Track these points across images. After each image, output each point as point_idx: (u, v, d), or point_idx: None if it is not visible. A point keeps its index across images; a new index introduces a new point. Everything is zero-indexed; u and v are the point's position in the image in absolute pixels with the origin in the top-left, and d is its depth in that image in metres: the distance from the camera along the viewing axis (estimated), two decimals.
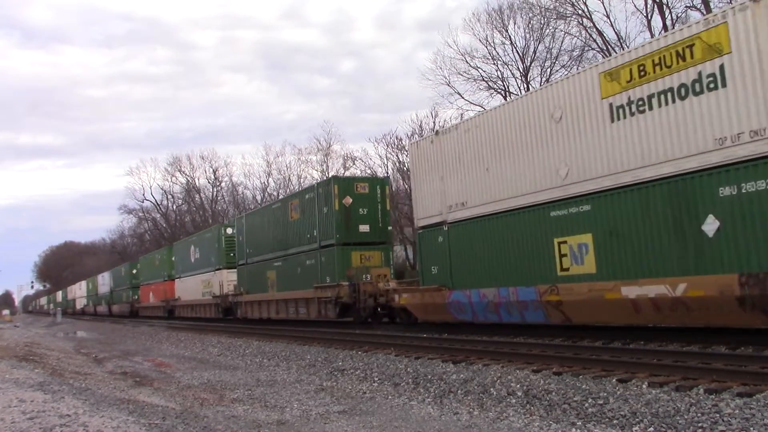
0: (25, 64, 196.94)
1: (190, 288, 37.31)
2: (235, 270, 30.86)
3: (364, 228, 22.05)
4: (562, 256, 13.04)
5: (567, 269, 12.95)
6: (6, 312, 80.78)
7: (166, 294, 41.93)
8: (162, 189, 78.84)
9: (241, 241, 30.05)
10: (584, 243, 12.57)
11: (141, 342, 26.55)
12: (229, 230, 32.37)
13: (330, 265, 21.87)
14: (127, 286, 55.38)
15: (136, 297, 52.38)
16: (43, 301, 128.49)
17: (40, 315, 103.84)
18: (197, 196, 76.32)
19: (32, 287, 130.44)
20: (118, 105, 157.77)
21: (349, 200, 22.05)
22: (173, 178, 77.02)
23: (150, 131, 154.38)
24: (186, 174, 75.98)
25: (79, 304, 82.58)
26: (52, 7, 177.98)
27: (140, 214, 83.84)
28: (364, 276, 21.20)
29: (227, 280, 31.61)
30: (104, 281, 66.75)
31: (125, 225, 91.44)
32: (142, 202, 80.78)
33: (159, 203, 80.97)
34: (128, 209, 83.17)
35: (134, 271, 53.97)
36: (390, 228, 23.11)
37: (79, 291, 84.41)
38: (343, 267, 21.42)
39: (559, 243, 13.09)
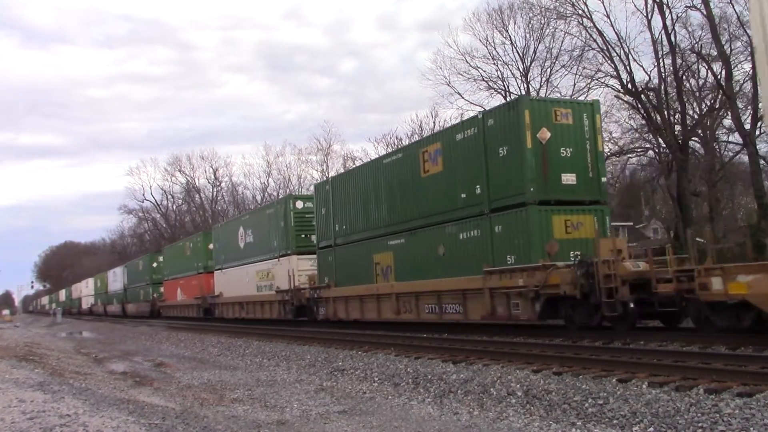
0: (26, 65, 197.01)
1: (237, 281, 29.84)
2: (311, 256, 23.77)
3: (568, 178, 14.84)
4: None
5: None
6: (6, 312, 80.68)
7: (201, 290, 34.53)
8: (162, 189, 78.81)
9: (326, 215, 22.52)
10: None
11: (141, 342, 26.55)
12: (300, 203, 25.21)
13: (518, 235, 14.47)
14: (145, 282, 48.53)
15: (158, 294, 45.61)
16: (45, 300, 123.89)
17: (41, 315, 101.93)
18: (197, 196, 76.32)
19: (32, 287, 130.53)
20: (119, 105, 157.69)
21: (546, 134, 14.77)
22: (173, 178, 77.01)
23: (150, 131, 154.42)
24: (186, 174, 75.99)
25: (86, 303, 76.83)
26: (53, 7, 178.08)
27: (140, 215, 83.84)
28: (573, 255, 13.93)
29: (299, 269, 24.13)
30: (116, 277, 59.92)
31: (125, 225, 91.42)
32: (142, 202, 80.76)
33: (159, 203, 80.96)
34: (128, 209, 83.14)
35: (155, 265, 47.00)
36: (605, 180, 15.50)
37: (85, 289, 78.29)
38: (543, 238, 14.13)
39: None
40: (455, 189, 16.43)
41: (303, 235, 24.50)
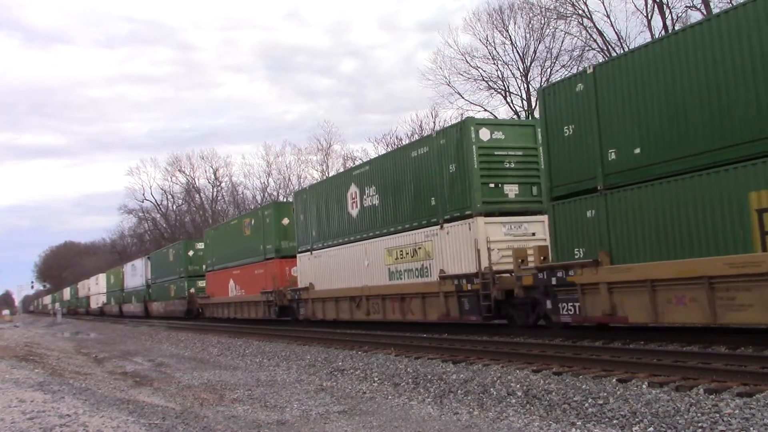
0: (27, 65, 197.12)
1: (344, 266, 21.30)
2: (509, 219, 15.67)
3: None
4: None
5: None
6: (6, 312, 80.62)
7: (274, 281, 25.78)
8: (162, 189, 78.95)
9: (572, 136, 12.75)
10: None
11: (141, 342, 26.55)
12: (486, 132, 15.97)
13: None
14: (178, 276, 39.75)
15: (196, 290, 37.81)
16: (47, 300, 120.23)
17: (42, 315, 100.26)
18: (197, 196, 76.40)
19: (32, 287, 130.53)
20: (120, 105, 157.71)
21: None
22: (173, 178, 77.15)
23: (151, 131, 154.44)
24: (186, 174, 76.06)
25: (96, 302, 69.18)
26: (54, 8, 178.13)
27: (140, 215, 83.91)
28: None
29: (491, 238, 15.22)
30: (136, 271, 51.40)
31: (125, 225, 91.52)
32: (142, 202, 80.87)
33: (159, 203, 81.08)
34: (128, 209, 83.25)
35: (191, 253, 38.95)
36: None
37: (94, 287, 70.56)
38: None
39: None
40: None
41: (493, 185, 15.75)
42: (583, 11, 34.11)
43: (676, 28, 30.51)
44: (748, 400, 7.21)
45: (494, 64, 39.55)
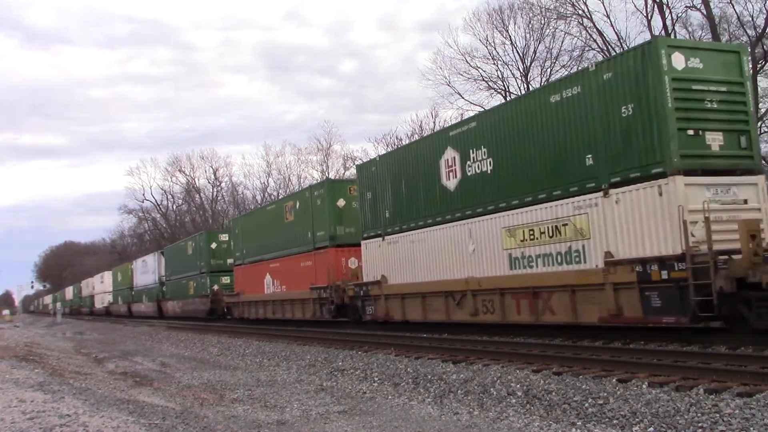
0: (28, 65, 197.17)
1: (424, 253, 17.14)
2: (713, 181, 11.50)
3: None
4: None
5: None
6: (6, 312, 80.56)
7: (329, 274, 21.30)
8: (162, 189, 78.90)
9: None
10: None
11: (141, 342, 26.55)
12: (681, 58, 11.62)
13: None
14: (198, 271, 35.32)
15: (221, 287, 33.52)
16: (48, 299, 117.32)
17: (43, 315, 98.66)
18: (197, 196, 76.37)
19: (32, 287, 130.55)
20: (120, 106, 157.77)
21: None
22: (173, 178, 77.10)
23: (151, 131, 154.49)
24: (186, 174, 76.06)
25: (101, 302, 65.04)
26: (55, 8, 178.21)
27: (140, 215, 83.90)
28: None
29: (689, 207, 10.83)
30: (147, 267, 46.89)
31: (125, 225, 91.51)
32: (142, 202, 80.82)
33: (159, 203, 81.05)
34: (128, 209, 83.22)
35: (213, 245, 34.55)
36: None
37: (99, 285, 66.42)
38: None
39: None
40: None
41: (692, 131, 11.41)
42: (583, 11, 34.13)
43: (676, 28, 30.57)
44: (748, 400, 7.21)
45: (494, 64, 39.57)
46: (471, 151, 15.61)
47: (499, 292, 14.58)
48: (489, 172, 15.05)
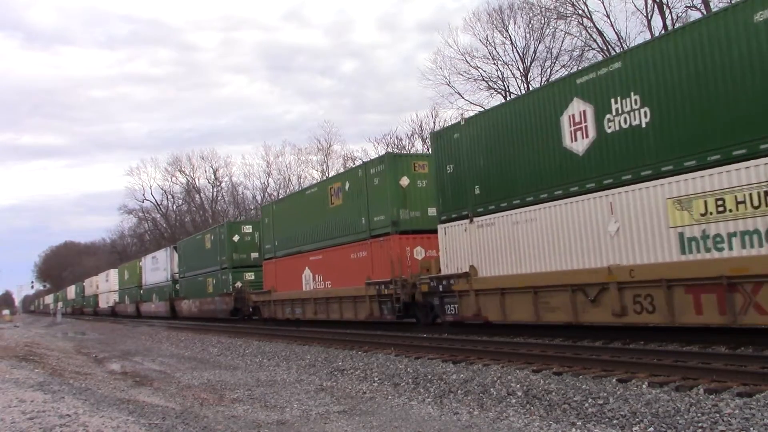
0: (28, 66, 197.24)
1: (534, 237, 13.94)
2: None
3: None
4: None
5: None
6: (6, 312, 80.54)
7: (393, 266, 18.20)
8: (162, 189, 79.00)
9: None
10: None
11: (141, 342, 26.55)
12: None
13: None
14: (219, 267, 31.95)
15: (244, 284, 30.25)
16: (49, 299, 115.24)
17: (43, 315, 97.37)
18: (197, 196, 76.40)
19: (32, 287, 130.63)
20: (121, 106, 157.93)
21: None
22: (173, 179, 77.19)
23: (151, 132, 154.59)
24: (186, 174, 76.10)
25: (105, 301, 61.97)
26: (55, 8, 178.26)
27: (140, 215, 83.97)
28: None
29: None
30: (158, 264, 43.59)
31: (125, 225, 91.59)
32: (142, 202, 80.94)
33: (159, 203, 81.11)
34: (128, 209, 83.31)
35: (236, 238, 31.27)
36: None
37: (104, 284, 63.23)
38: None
39: None
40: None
41: None
42: (583, 11, 34.16)
43: (676, 27, 30.57)
44: (748, 400, 7.21)
45: (494, 64, 39.59)
46: (613, 100, 12.20)
47: (665, 285, 11.04)
48: (644, 125, 11.59)
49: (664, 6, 31.17)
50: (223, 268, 31.45)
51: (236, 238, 31.18)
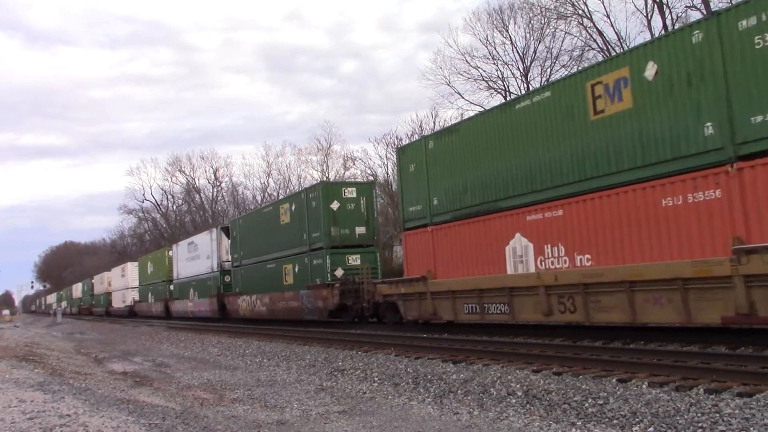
0: (29, 66, 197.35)
1: None
2: None
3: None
4: None
5: None
6: (6, 312, 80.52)
7: None
8: (162, 189, 79.01)
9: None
10: None
11: (141, 342, 26.55)
12: None
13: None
14: (308, 248, 23.37)
15: (342, 270, 22.07)
16: (51, 298, 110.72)
17: (44, 315, 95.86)
18: (197, 196, 76.41)
19: (32, 287, 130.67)
20: (121, 106, 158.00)
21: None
22: (173, 179, 77.19)
23: (152, 132, 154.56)
24: (186, 174, 76.11)
25: (121, 300, 53.69)
26: (56, 9, 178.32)
27: (140, 215, 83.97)
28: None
29: None
30: (198, 251, 35.04)
31: (125, 225, 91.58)
32: (142, 202, 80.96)
33: (159, 203, 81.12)
34: (128, 209, 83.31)
35: (335, 206, 22.55)
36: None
37: (118, 280, 55.33)
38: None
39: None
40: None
41: None
42: (583, 11, 34.16)
43: (676, 27, 30.57)
44: (748, 400, 7.21)
45: (494, 64, 39.57)
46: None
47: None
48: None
49: (664, 6, 31.18)
50: (315, 249, 22.86)
51: (335, 205, 22.57)
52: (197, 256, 35.37)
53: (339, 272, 22.30)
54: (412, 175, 18.13)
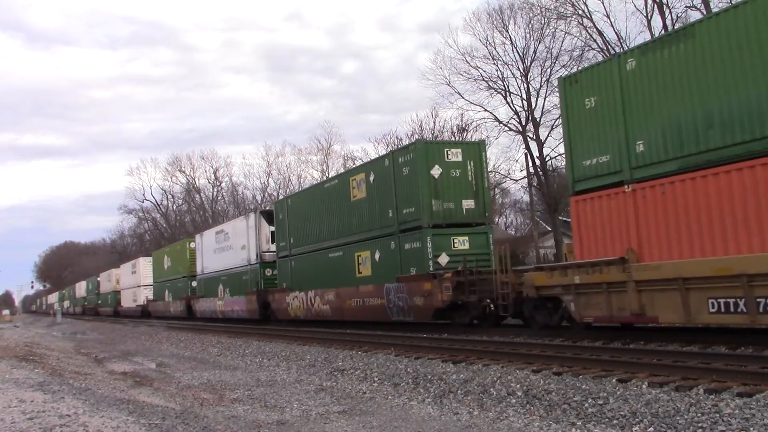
0: (30, 66, 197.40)
1: None
2: None
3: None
4: None
5: None
6: (6, 312, 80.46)
7: None
8: (162, 189, 78.95)
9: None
10: None
11: (141, 342, 26.54)
12: None
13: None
14: (396, 228, 18.25)
15: (447, 256, 17.09)
16: (53, 298, 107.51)
17: (45, 316, 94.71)
18: (197, 196, 76.39)
19: (32, 287, 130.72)
20: (122, 106, 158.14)
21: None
22: (173, 178, 77.15)
23: (152, 132, 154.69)
24: (186, 174, 76.11)
25: (131, 298, 49.32)
26: (57, 9, 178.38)
27: (140, 215, 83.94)
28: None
29: None
30: (230, 241, 29.83)
31: (125, 225, 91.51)
32: (142, 202, 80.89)
33: (159, 203, 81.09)
34: (128, 209, 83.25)
35: (436, 171, 17.48)
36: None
37: (129, 277, 50.93)
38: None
39: None
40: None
41: None
42: (583, 11, 34.12)
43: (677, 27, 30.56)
44: (748, 400, 7.21)
45: (494, 64, 39.49)
46: None
47: None
48: None
49: (664, 6, 31.16)
50: (408, 230, 17.80)
51: (436, 171, 17.55)
52: (228, 247, 30.30)
53: (443, 259, 17.11)
54: (591, 114, 13.10)
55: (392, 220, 18.57)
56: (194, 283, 35.57)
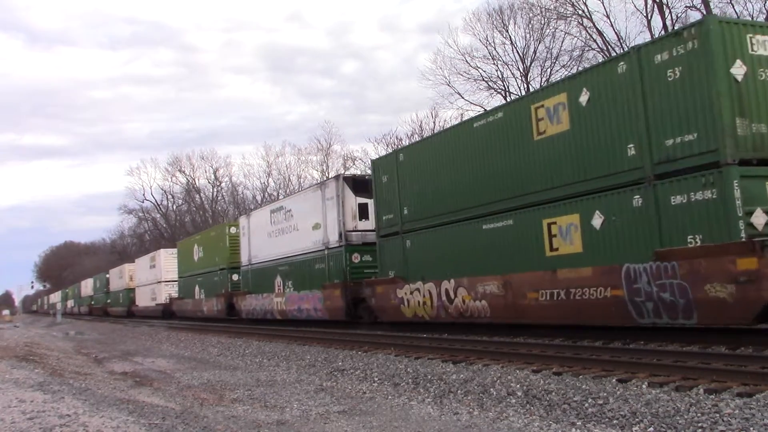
0: (30, 66, 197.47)
1: None
2: None
3: None
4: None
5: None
6: (6, 312, 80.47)
7: None
8: (162, 189, 79.00)
9: None
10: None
11: (141, 342, 26.54)
12: None
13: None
14: (609, 182, 12.04)
15: (764, 213, 9.87)
16: (55, 297, 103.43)
17: (45, 316, 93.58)
18: (197, 196, 76.41)
19: (32, 287, 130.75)
20: (122, 106, 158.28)
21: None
22: (173, 179, 77.19)
23: (153, 132, 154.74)
24: (186, 174, 76.13)
25: (150, 297, 42.84)
26: (58, 9, 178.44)
27: (140, 215, 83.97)
28: None
29: None
30: (293, 220, 24.10)
31: (125, 225, 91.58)
32: (142, 202, 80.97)
33: (159, 203, 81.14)
34: (128, 209, 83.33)
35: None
36: None
37: (146, 272, 44.48)
38: None
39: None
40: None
41: None
42: (583, 11, 34.17)
43: (676, 27, 30.54)
44: (748, 400, 7.21)
45: (494, 64, 39.59)
46: None
47: None
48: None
49: (664, 6, 31.19)
50: (695, 169, 10.75)
51: (739, 70, 10.60)
52: (291, 228, 24.10)
53: (760, 218, 10.33)
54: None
55: (636, 159, 11.71)
56: (235, 276, 29.68)
